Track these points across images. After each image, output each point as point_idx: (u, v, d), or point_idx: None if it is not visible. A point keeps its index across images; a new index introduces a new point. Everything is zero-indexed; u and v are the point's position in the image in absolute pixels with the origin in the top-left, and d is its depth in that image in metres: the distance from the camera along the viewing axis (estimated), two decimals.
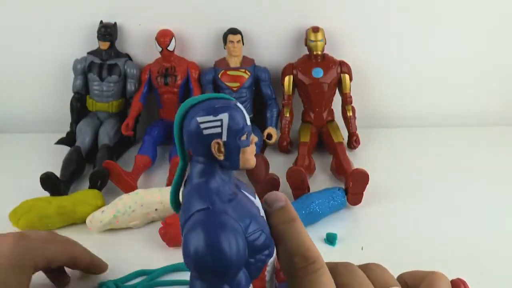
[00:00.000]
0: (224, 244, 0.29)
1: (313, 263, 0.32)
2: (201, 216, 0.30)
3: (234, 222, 0.30)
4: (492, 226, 0.75)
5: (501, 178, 0.89)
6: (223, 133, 0.32)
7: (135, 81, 1.01)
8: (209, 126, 0.31)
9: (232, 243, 0.29)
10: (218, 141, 0.32)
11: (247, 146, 0.33)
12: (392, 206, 0.81)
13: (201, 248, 0.29)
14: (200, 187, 0.32)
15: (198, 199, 0.31)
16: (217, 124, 0.31)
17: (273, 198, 0.35)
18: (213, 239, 0.29)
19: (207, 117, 0.31)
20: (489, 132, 1.06)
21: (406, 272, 0.39)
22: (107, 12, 1.01)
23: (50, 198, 0.78)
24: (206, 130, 0.31)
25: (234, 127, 0.32)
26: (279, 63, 1.03)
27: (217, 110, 0.31)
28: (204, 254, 0.29)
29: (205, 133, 0.31)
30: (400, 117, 1.11)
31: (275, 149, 1.00)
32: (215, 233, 0.29)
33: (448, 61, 1.07)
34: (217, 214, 0.30)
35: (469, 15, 1.02)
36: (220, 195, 0.32)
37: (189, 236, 0.30)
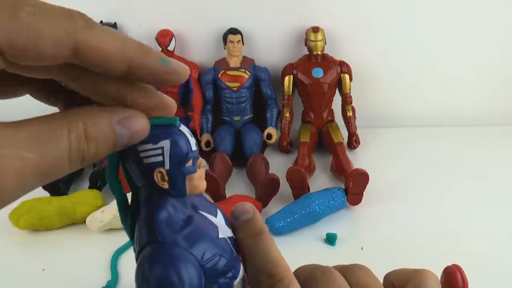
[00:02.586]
0: (173, 278, 0.28)
1: (280, 280, 0.30)
2: (149, 250, 0.29)
3: (185, 253, 0.29)
4: (492, 226, 0.75)
5: (501, 178, 0.89)
6: (165, 161, 0.30)
7: None
8: (149, 155, 0.30)
9: (184, 276, 0.28)
10: (161, 170, 0.30)
11: (194, 172, 0.31)
12: (392, 206, 0.81)
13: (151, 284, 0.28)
14: (148, 217, 0.30)
15: (147, 231, 0.30)
16: (158, 152, 0.30)
17: (239, 211, 0.33)
18: (162, 274, 0.28)
19: (147, 145, 0.29)
20: (489, 132, 1.06)
21: (392, 271, 0.38)
22: (107, 12, 1.01)
23: (50, 198, 0.78)
24: (146, 159, 0.30)
25: (176, 154, 0.30)
26: (279, 63, 1.03)
27: (156, 137, 0.30)
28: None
29: (145, 162, 0.30)
30: (400, 117, 1.11)
31: (275, 149, 1.00)
32: (164, 267, 0.28)
33: (448, 61, 1.07)
34: (167, 247, 0.29)
35: (470, 15, 1.02)
36: (171, 224, 0.30)
37: (137, 271, 0.29)
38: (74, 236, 0.75)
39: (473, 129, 1.07)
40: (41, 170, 0.22)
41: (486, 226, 0.75)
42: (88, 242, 0.74)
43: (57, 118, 0.23)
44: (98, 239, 0.74)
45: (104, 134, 0.25)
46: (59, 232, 0.76)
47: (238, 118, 0.99)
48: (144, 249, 0.29)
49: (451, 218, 0.77)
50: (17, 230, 0.74)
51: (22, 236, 0.74)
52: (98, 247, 0.72)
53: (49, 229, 0.76)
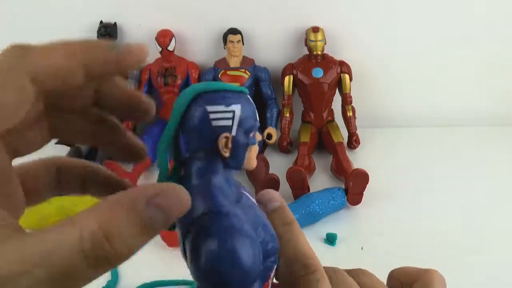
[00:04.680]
0: (241, 252, 0.25)
1: (314, 273, 0.29)
2: (209, 221, 0.26)
3: (247, 226, 0.26)
4: (492, 226, 0.75)
5: (501, 178, 0.89)
6: (233, 126, 0.28)
7: (135, 81, 1.01)
8: (219, 117, 0.27)
9: (249, 251, 0.25)
10: (227, 135, 0.28)
11: (254, 144, 0.29)
12: (392, 206, 0.81)
13: (214, 258, 0.25)
14: (202, 187, 0.28)
15: (201, 201, 0.27)
16: (229, 116, 0.28)
17: (268, 198, 0.31)
18: (228, 247, 0.25)
19: (217, 106, 0.27)
20: (489, 132, 1.06)
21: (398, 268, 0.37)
22: (107, 12, 1.01)
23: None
24: (215, 122, 0.27)
25: (245, 121, 0.28)
26: (279, 63, 1.03)
27: (229, 100, 0.28)
28: (218, 265, 0.25)
29: (214, 125, 0.28)
30: (400, 117, 1.11)
31: (275, 149, 1.00)
32: (230, 239, 0.25)
33: (448, 61, 1.07)
34: (228, 218, 0.26)
35: (470, 15, 1.02)
36: (227, 195, 0.28)
37: (198, 244, 0.26)
38: None
39: (473, 129, 1.07)
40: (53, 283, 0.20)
41: (486, 226, 0.75)
42: None
43: (67, 226, 0.21)
44: None
45: (130, 225, 0.21)
46: None
47: None
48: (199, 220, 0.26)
49: (451, 217, 0.77)
50: None
51: None
52: None
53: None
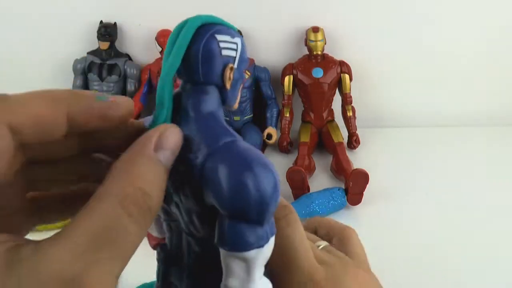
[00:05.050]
0: (264, 178, 0.25)
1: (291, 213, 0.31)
2: (232, 147, 0.25)
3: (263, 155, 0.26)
4: (492, 226, 0.75)
5: (501, 178, 0.89)
6: (236, 58, 0.28)
7: (135, 81, 1.01)
8: (228, 47, 0.27)
9: (272, 175, 0.26)
10: (232, 65, 0.28)
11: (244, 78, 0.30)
12: (392, 206, 0.81)
13: (245, 181, 0.24)
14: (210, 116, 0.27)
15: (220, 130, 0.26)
16: (234, 47, 0.28)
17: None
18: (272, 175, 0.25)
19: (225, 36, 0.28)
20: (489, 132, 1.06)
21: (316, 218, 0.38)
22: (107, 12, 1.01)
23: None
24: (224, 51, 0.27)
25: (244, 55, 0.28)
26: (279, 63, 1.03)
27: (232, 32, 0.28)
28: (269, 193, 0.25)
29: (223, 54, 0.27)
30: (400, 117, 1.11)
31: (275, 149, 1.00)
32: (269, 167, 0.25)
33: (448, 61, 1.07)
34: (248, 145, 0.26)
35: (470, 15, 1.02)
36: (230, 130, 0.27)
37: (225, 169, 0.24)
38: None
39: (473, 129, 1.07)
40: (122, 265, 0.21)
41: (486, 226, 0.75)
42: None
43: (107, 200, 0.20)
44: None
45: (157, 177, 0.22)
46: None
47: (238, 118, 0.99)
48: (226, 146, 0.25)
49: (451, 217, 0.77)
50: None
51: None
52: None
53: (49, 229, 0.75)
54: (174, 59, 0.27)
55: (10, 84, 1.09)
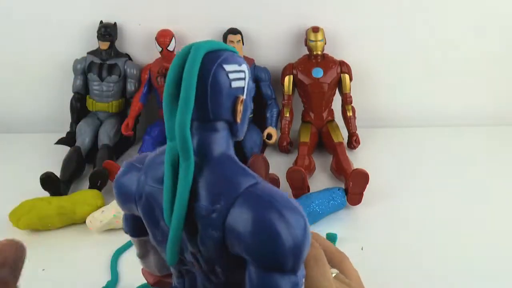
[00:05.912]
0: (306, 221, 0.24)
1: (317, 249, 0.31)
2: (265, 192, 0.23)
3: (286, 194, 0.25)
4: (492, 225, 0.75)
5: (501, 178, 0.89)
6: (245, 88, 0.25)
7: (135, 81, 1.01)
8: (237, 78, 0.25)
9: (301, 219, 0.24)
10: (242, 97, 0.25)
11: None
12: (392, 206, 0.81)
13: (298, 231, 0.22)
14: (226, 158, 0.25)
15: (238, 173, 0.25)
16: (242, 75, 0.25)
17: None
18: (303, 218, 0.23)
19: (234, 65, 0.25)
20: (489, 132, 1.06)
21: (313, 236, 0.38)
22: (107, 12, 1.01)
23: (50, 198, 0.78)
24: (234, 82, 0.25)
25: (250, 83, 0.26)
26: (279, 63, 1.03)
27: (238, 58, 0.25)
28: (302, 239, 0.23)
29: (233, 86, 0.25)
30: (400, 117, 1.11)
31: (275, 149, 1.00)
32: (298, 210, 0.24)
33: (448, 62, 1.07)
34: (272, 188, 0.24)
35: (470, 15, 1.02)
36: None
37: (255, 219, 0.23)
38: (74, 236, 0.75)
39: (473, 129, 1.07)
40: None
41: (486, 226, 0.75)
42: (88, 242, 0.74)
43: None
44: (98, 239, 0.74)
45: None
46: (59, 232, 0.76)
47: None
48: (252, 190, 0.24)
49: (451, 217, 0.77)
50: (17, 230, 0.74)
51: (22, 236, 0.74)
52: (98, 247, 0.72)
53: (49, 229, 0.76)
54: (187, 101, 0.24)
55: (10, 83, 1.09)
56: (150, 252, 0.40)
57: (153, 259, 0.40)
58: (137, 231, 0.37)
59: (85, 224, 0.75)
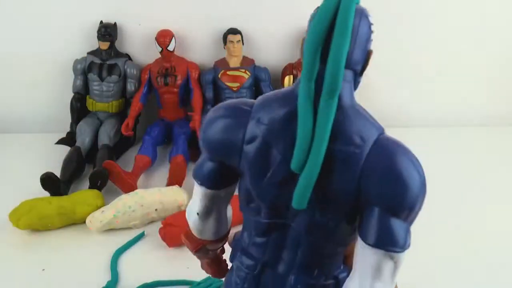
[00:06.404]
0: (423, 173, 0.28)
1: None
2: (395, 141, 0.27)
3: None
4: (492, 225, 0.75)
5: (501, 178, 0.89)
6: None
7: (135, 81, 1.01)
8: (372, 31, 0.28)
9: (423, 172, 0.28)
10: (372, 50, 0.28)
11: None
12: None
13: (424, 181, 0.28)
14: (359, 107, 0.28)
15: (371, 121, 0.28)
16: (372, 29, 0.29)
17: None
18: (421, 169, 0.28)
19: (371, 18, 0.29)
20: (489, 132, 1.06)
21: None
22: (107, 12, 1.00)
23: (50, 198, 0.78)
24: (372, 35, 0.29)
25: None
26: (279, 63, 1.03)
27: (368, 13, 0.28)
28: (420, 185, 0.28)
29: (371, 38, 0.28)
30: (400, 117, 1.11)
31: None
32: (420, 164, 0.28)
33: (449, 62, 1.07)
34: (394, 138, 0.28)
35: (471, 16, 1.02)
36: None
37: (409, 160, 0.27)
38: (74, 236, 0.75)
39: (473, 129, 1.07)
40: None
41: (487, 225, 0.75)
42: (88, 242, 0.74)
43: None
44: (98, 239, 0.74)
45: None
46: (59, 232, 0.76)
47: None
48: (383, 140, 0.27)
49: (451, 217, 0.77)
50: (17, 230, 0.74)
51: (22, 236, 0.74)
52: (98, 247, 0.72)
53: (49, 229, 0.75)
54: (345, 37, 0.26)
55: (10, 83, 1.09)
56: (214, 211, 0.39)
57: (213, 220, 0.39)
58: (218, 182, 0.36)
59: (85, 224, 0.75)
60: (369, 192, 0.26)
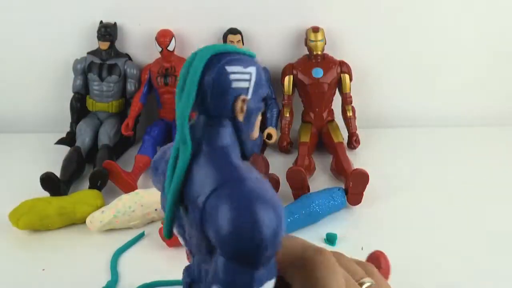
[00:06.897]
0: (263, 219, 0.24)
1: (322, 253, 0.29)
2: (236, 186, 0.25)
3: (274, 195, 0.25)
4: (492, 225, 0.75)
5: (500, 178, 0.89)
6: (249, 89, 0.28)
7: (135, 81, 1.01)
8: (239, 78, 0.27)
9: (274, 219, 0.24)
10: (244, 97, 0.27)
11: (262, 110, 0.30)
12: (392, 206, 0.81)
13: (242, 223, 0.24)
14: (221, 151, 0.27)
15: (226, 166, 0.26)
16: (246, 77, 0.28)
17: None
18: (275, 218, 0.24)
19: (237, 67, 0.27)
20: (489, 132, 1.06)
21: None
22: (107, 12, 1.01)
23: (50, 198, 0.78)
24: (235, 83, 0.27)
25: (259, 85, 0.28)
26: (279, 63, 1.03)
27: (246, 62, 0.28)
28: (245, 230, 0.24)
29: (233, 86, 0.27)
30: (400, 117, 1.11)
31: (275, 149, 1.00)
32: (273, 210, 0.24)
33: (449, 62, 1.07)
34: (257, 184, 0.25)
35: (470, 15, 1.02)
36: (240, 162, 0.27)
37: (224, 208, 0.24)
38: (74, 236, 0.75)
39: (473, 129, 1.07)
40: None
41: (487, 225, 0.75)
42: (88, 242, 0.74)
43: None
44: (98, 239, 0.74)
45: None
46: (59, 232, 0.76)
47: None
48: (226, 185, 0.25)
49: (451, 217, 0.77)
50: (17, 230, 0.74)
51: (22, 236, 0.74)
52: (98, 247, 0.72)
53: (49, 229, 0.76)
54: (189, 96, 0.27)
55: (10, 83, 1.09)
56: None
57: None
58: None
59: (85, 224, 0.75)
60: (208, 233, 0.26)
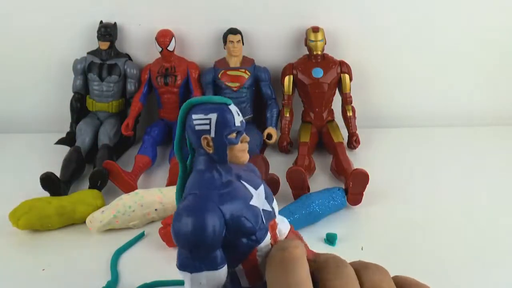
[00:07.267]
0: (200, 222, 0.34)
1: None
2: (189, 200, 0.35)
3: (214, 206, 0.35)
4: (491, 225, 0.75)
5: (501, 178, 0.89)
6: (211, 130, 0.37)
7: (135, 81, 1.01)
8: (200, 123, 0.37)
9: (208, 222, 0.34)
10: (207, 136, 0.37)
11: (235, 144, 0.38)
12: (392, 206, 0.81)
13: (182, 226, 0.34)
14: (196, 175, 0.38)
15: (191, 185, 0.37)
16: (206, 122, 0.37)
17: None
18: (193, 220, 0.34)
19: (199, 115, 0.37)
20: (489, 132, 1.06)
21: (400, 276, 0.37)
22: (107, 12, 1.01)
23: (50, 198, 0.78)
24: (197, 126, 0.38)
25: (221, 126, 0.37)
26: (279, 63, 1.03)
27: (207, 109, 0.37)
28: (184, 231, 0.34)
29: (197, 129, 0.38)
30: (400, 117, 1.11)
31: (275, 149, 1.00)
32: (196, 214, 0.34)
33: (449, 61, 1.07)
34: (202, 199, 0.35)
35: (470, 16, 1.02)
36: (210, 183, 0.37)
37: (175, 215, 0.35)
38: (74, 236, 0.75)
39: (473, 129, 1.07)
40: None
41: (487, 226, 0.75)
42: (88, 242, 0.74)
43: None
44: (98, 239, 0.74)
45: None
46: (59, 232, 0.76)
47: None
48: (186, 198, 0.36)
49: (451, 217, 0.77)
50: (17, 230, 0.74)
51: (22, 236, 0.74)
52: (98, 247, 0.72)
53: (49, 229, 0.76)
54: (178, 134, 0.39)
55: (10, 83, 1.09)
56: None
57: None
58: None
59: (85, 224, 0.75)
60: None
